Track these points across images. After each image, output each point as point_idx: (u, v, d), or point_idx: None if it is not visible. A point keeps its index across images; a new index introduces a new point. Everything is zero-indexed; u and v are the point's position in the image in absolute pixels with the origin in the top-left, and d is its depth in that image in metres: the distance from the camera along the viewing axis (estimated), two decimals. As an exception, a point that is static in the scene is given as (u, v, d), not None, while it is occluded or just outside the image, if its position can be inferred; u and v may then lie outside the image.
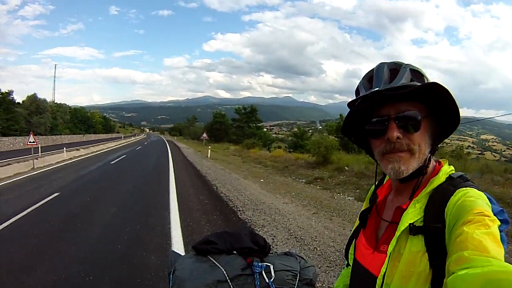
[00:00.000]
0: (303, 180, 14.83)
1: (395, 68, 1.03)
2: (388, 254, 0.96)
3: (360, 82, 1.12)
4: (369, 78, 1.08)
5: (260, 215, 8.01)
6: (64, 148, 24.77)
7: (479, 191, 0.93)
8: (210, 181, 13.75)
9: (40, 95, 61.80)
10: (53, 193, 9.99)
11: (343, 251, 1.43)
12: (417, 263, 0.89)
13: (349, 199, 10.33)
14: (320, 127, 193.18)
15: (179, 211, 8.17)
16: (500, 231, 0.89)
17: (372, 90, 1.02)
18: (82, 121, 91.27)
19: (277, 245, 5.96)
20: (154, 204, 8.94)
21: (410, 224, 0.94)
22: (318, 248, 5.69)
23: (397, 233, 0.95)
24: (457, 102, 0.96)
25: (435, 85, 0.92)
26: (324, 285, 4.41)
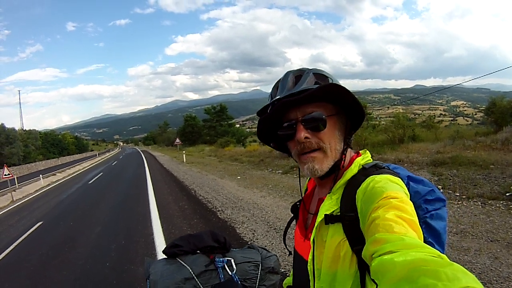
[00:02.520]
0: (280, 171, 14.97)
1: (299, 75, 1.09)
2: (312, 242, 1.04)
3: (270, 91, 1.19)
4: (277, 86, 1.14)
5: (239, 212, 8.18)
6: (40, 175, 24.18)
7: (392, 176, 0.98)
8: (188, 185, 13.82)
9: (8, 124, 59.73)
10: (37, 223, 9.90)
11: None
12: (340, 248, 0.96)
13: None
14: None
15: (160, 220, 8.25)
16: (436, 209, 1.01)
17: (274, 99, 1.09)
18: (54, 144, 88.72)
19: (257, 239, 6.14)
20: (136, 218, 8.97)
21: (325, 215, 1.01)
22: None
23: (316, 223, 1.03)
24: (356, 97, 1.01)
25: (331, 85, 0.98)
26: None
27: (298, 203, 1.35)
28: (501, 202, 7.01)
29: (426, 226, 0.96)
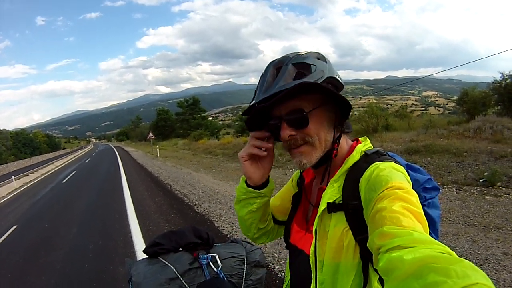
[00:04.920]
0: (255, 163, 15.02)
1: (279, 66, 1.04)
2: (314, 233, 1.00)
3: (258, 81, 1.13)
4: (259, 81, 1.10)
5: (217, 205, 8.15)
6: (13, 176, 23.26)
7: (395, 163, 0.95)
8: (163, 180, 13.70)
9: (-24, 125, 58.19)
10: (11, 227, 9.46)
11: None
12: (344, 238, 0.93)
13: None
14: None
15: (137, 217, 8.11)
16: (432, 198, 1.02)
17: (251, 104, 1.08)
18: (26, 144, 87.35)
19: (236, 232, 6.12)
20: (112, 215, 8.80)
21: (328, 203, 0.98)
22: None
23: (318, 213, 0.99)
24: (332, 90, 0.96)
25: (302, 85, 0.93)
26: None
27: (297, 194, 1.29)
28: (475, 188, 7.21)
29: (424, 215, 0.87)
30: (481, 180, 7.41)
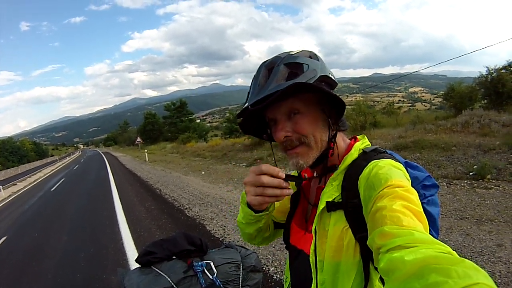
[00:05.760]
0: (244, 164, 15.05)
1: (272, 67, 1.02)
2: (313, 232, 1.00)
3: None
4: (252, 83, 1.07)
5: (207, 208, 8.08)
6: (0, 186, 22.89)
7: (394, 161, 0.95)
8: (153, 185, 13.60)
9: (-38, 134, 57.63)
10: (1, 238, 9.29)
11: None
12: (344, 237, 0.93)
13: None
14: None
15: (128, 223, 7.99)
16: (432, 195, 1.00)
17: (244, 106, 1.05)
18: (13, 152, 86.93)
19: (229, 235, 6.07)
20: (103, 222, 8.67)
21: (327, 202, 0.97)
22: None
23: (317, 212, 0.99)
24: (325, 89, 0.94)
25: (295, 86, 0.90)
26: (281, 263, 4.59)
27: (296, 194, 1.26)
28: (465, 181, 7.26)
29: (424, 212, 0.86)
30: (471, 174, 7.46)
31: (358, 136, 1.14)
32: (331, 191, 1.00)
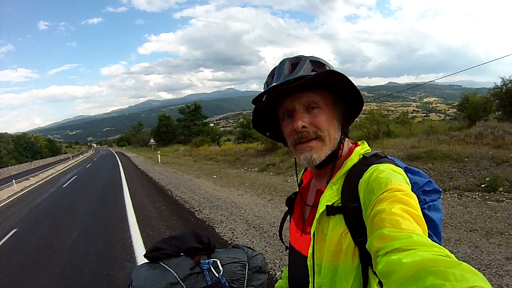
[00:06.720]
0: (256, 169, 15.01)
1: (296, 62, 1.05)
2: (312, 236, 1.00)
3: (266, 79, 1.15)
4: (272, 74, 1.10)
5: (218, 211, 8.11)
6: (13, 180, 23.33)
7: (394, 166, 0.96)
8: (164, 186, 13.66)
9: (-22, 128, 58.33)
10: (11, 230, 9.47)
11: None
12: (342, 241, 0.93)
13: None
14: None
15: (137, 222, 8.06)
16: (433, 201, 1.01)
17: (270, 86, 1.05)
18: (27, 148, 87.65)
19: (237, 238, 6.09)
20: (113, 221, 8.75)
21: (327, 205, 0.97)
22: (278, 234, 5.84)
23: (317, 215, 0.99)
24: (355, 85, 0.98)
25: (329, 72, 0.95)
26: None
27: (293, 196, 1.31)
28: (477, 193, 7.18)
29: (424, 217, 0.87)
30: (482, 186, 7.38)
31: (358, 142, 1.16)
32: (331, 195, 1.00)
